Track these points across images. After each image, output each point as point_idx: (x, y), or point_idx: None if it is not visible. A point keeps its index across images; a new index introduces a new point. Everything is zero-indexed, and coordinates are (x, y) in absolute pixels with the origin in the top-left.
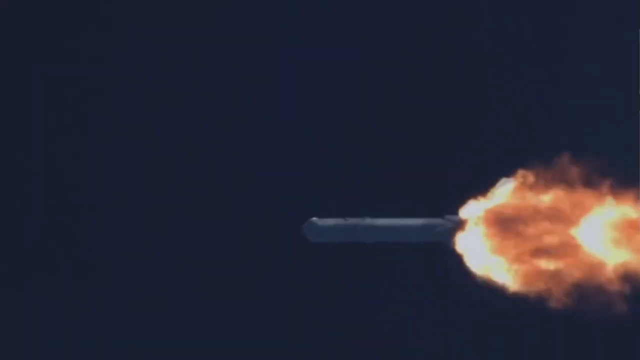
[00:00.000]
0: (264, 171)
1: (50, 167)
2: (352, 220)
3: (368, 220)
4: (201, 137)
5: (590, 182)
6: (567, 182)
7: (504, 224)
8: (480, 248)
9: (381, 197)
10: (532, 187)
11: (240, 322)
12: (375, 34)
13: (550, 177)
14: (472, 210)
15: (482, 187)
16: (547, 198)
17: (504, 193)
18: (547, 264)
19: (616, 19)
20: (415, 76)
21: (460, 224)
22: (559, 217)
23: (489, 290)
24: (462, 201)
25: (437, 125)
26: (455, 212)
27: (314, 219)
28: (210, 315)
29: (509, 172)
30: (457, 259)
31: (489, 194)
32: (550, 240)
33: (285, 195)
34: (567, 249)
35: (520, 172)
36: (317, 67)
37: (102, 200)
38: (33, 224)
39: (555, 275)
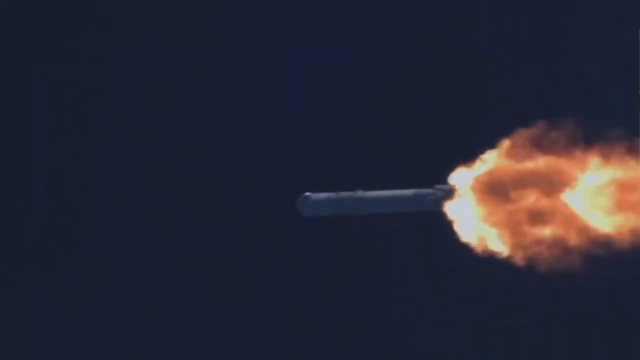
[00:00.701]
0: (264, 171)
1: (50, 167)
2: (344, 194)
3: (360, 193)
4: (201, 137)
5: (579, 146)
6: (555, 147)
7: (493, 191)
8: (471, 215)
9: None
10: (520, 152)
11: (240, 322)
12: (375, 34)
13: (538, 142)
14: (461, 178)
15: (471, 153)
16: (536, 163)
17: (493, 159)
18: (538, 229)
19: (616, 19)
20: (415, 76)
21: (450, 193)
22: (549, 182)
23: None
24: (451, 169)
25: (437, 126)
26: (445, 181)
27: (307, 193)
28: (210, 315)
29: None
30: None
31: (478, 161)
32: (541, 204)
33: (285, 195)
34: (558, 213)
35: (509, 138)
36: (317, 67)
37: (102, 200)
38: (33, 224)
39: (546, 239)
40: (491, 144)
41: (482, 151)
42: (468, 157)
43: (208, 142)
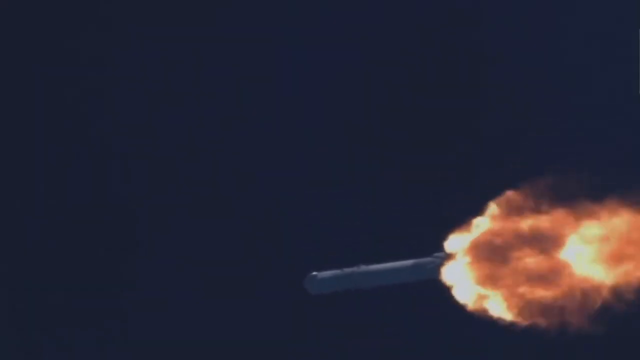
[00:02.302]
0: (264, 171)
1: (50, 167)
2: (348, 270)
3: (363, 268)
4: (201, 137)
5: (575, 199)
6: (551, 202)
7: (490, 253)
8: (468, 280)
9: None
10: (516, 211)
11: (240, 322)
12: (375, 34)
13: (535, 198)
14: (457, 243)
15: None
16: (533, 221)
17: (487, 221)
18: (539, 291)
19: (616, 19)
20: (415, 76)
21: (448, 259)
22: (546, 240)
23: (483, 322)
24: (445, 234)
25: (436, 126)
26: (441, 247)
27: (314, 273)
28: (210, 315)
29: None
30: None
31: (472, 224)
32: (540, 266)
33: (285, 195)
34: (558, 273)
35: (503, 196)
36: (317, 67)
37: (102, 199)
38: (33, 224)
39: (549, 302)
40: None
41: (477, 212)
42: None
43: (208, 142)
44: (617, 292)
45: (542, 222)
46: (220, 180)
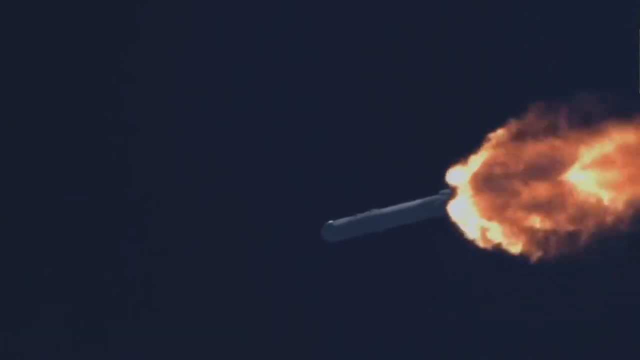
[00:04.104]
0: (264, 171)
1: (50, 167)
2: (361, 215)
3: (375, 211)
4: (201, 136)
5: (576, 125)
6: (551, 130)
7: (492, 184)
8: (473, 213)
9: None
10: (518, 138)
11: (240, 322)
12: (375, 34)
13: (533, 128)
14: (458, 176)
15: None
16: (534, 148)
17: (487, 152)
18: (544, 219)
19: (616, 19)
20: (415, 76)
21: (453, 194)
22: (549, 166)
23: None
24: (445, 169)
25: (437, 125)
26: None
27: (330, 221)
28: (210, 315)
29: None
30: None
31: (472, 157)
32: (544, 192)
33: (285, 195)
34: (563, 196)
35: (501, 128)
36: (317, 67)
37: (102, 199)
38: (32, 223)
39: (554, 228)
40: (484, 137)
41: (476, 146)
42: (463, 151)
43: (208, 142)
44: (627, 215)
45: (545, 147)
46: (220, 180)
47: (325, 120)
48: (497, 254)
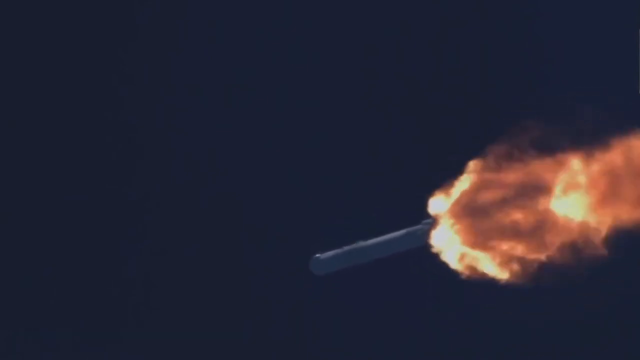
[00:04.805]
0: (264, 171)
1: (50, 167)
2: (347, 248)
3: (361, 243)
4: (201, 136)
5: (555, 148)
6: (530, 153)
7: (472, 212)
8: (455, 242)
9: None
10: (498, 165)
11: (240, 322)
12: (375, 34)
13: (511, 152)
14: (439, 206)
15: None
16: (513, 174)
17: (467, 180)
18: (527, 246)
19: (616, 19)
20: (415, 76)
21: (434, 224)
22: (528, 190)
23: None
24: (425, 198)
25: (437, 125)
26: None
27: (317, 255)
28: (210, 315)
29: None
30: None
31: (452, 186)
32: (524, 216)
33: (285, 195)
34: (543, 220)
35: (480, 157)
36: (317, 67)
37: (102, 199)
38: (32, 223)
39: (539, 254)
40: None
41: (457, 174)
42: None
43: (208, 142)
44: (610, 238)
45: (525, 173)
46: (220, 180)
47: (325, 120)
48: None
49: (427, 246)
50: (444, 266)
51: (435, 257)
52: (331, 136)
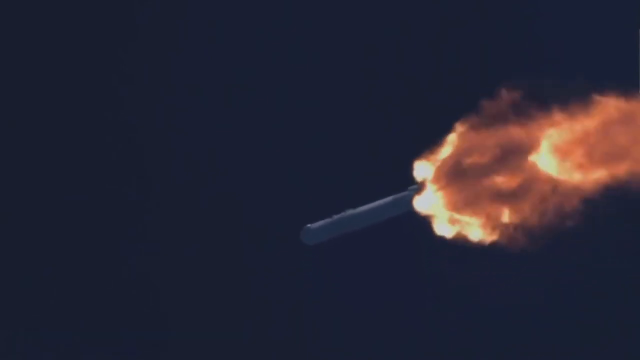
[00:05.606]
0: (264, 171)
1: (50, 167)
2: (337, 216)
3: (349, 211)
4: (201, 136)
5: (536, 108)
6: (512, 114)
7: (457, 175)
8: (441, 207)
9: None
10: (478, 127)
11: (240, 322)
12: (375, 34)
13: (493, 115)
14: (423, 171)
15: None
16: (496, 135)
17: (450, 144)
18: (512, 204)
19: (616, 19)
20: (415, 76)
21: (421, 189)
22: (513, 152)
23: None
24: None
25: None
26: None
27: (308, 225)
28: (210, 315)
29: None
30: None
31: (435, 150)
32: (510, 177)
33: (285, 195)
34: (529, 181)
35: (463, 120)
36: (317, 67)
37: (102, 199)
38: (32, 223)
39: (523, 212)
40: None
41: (439, 139)
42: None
43: (208, 142)
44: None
45: (509, 133)
46: (220, 180)
47: (325, 120)
48: (497, 252)
49: (414, 212)
50: (432, 233)
51: (423, 223)
52: (331, 136)
